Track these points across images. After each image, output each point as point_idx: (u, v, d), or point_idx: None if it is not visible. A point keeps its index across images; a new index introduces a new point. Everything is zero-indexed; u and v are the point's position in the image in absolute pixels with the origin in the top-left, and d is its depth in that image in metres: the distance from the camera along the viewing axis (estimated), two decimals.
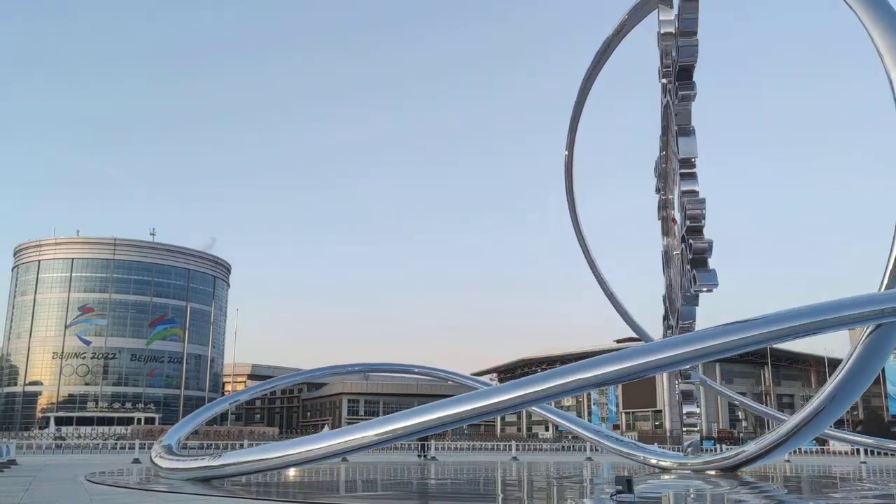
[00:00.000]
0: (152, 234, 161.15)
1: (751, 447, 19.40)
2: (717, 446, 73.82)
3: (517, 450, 60.78)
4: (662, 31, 17.86)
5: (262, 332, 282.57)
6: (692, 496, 15.76)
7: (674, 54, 17.24)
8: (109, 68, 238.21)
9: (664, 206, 19.16)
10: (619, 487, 13.31)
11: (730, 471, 20.50)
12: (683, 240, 15.11)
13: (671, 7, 18.30)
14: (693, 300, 15.44)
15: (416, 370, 30.62)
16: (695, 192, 14.88)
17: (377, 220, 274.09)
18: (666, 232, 19.25)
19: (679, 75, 15.53)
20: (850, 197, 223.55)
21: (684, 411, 16.71)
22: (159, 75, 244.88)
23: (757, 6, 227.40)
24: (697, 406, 16.89)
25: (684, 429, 16.48)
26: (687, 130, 15.54)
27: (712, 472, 20.91)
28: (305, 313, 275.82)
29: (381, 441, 15.25)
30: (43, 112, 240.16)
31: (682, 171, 15.15)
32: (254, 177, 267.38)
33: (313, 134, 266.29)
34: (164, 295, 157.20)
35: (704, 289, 13.99)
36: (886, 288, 14.30)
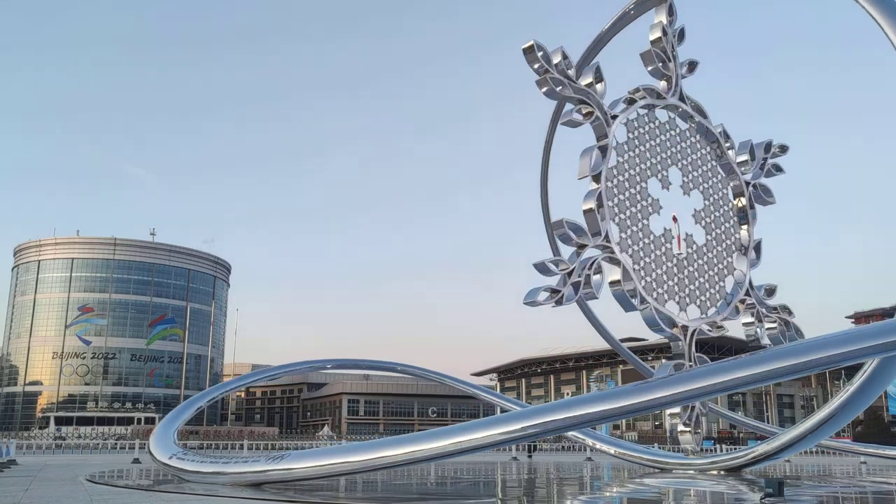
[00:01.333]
0: (152, 234, 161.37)
1: (761, 448, 19.67)
2: (717, 447, 73.86)
3: (517, 449, 60.70)
4: (652, 38, 17.82)
5: (262, 332, 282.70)
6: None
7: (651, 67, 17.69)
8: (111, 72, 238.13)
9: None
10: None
11: (735, 471, 20.59)
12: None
13: (665, 8, 18.15)
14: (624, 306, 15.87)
15: (399, 368, 30.01)
16: (589, 211, 15.40)
17: (379, 221, 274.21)
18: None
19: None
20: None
21: (668, 411, 16.69)
22: (163, 66, 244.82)
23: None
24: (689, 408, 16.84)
25: (679, 431, 16.38)
26: (590, 148, 15.86)
27: (714, 472, 20.93)
28: (306, 313, 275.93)
29: (505, 441, 14.42)
30: (45, 113, 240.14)
31: (590, 187, 15.55)
32: (254, 179, 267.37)
33: (317, 139, 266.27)
34: (164, 295, 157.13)
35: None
36: None
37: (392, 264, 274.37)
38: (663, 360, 20.22)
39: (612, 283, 15.49)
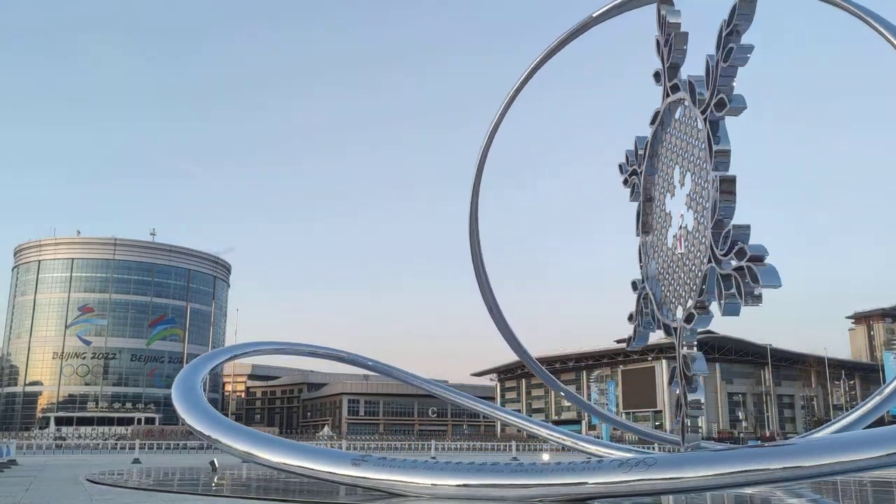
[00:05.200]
0: (152, 234, 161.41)
1: None
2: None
3: (517, 450, 60.73)
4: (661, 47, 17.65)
5: (263, 333, 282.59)
6: None
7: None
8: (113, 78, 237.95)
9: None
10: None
11: None
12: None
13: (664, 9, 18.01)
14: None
15: (371, 364, 29.70)
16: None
17: (380, 221, 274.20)
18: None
19: None
20: None
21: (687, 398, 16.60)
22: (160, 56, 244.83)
23: None
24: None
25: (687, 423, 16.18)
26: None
27: None
28: (307, 313, 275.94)
29: None
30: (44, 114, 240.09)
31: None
32: (255, 178, 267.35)
33: (316, 141, 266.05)
34: (164, 295, 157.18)
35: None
36: None
37: (393, 265, 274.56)
38: (664, 362, 20.32)
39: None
